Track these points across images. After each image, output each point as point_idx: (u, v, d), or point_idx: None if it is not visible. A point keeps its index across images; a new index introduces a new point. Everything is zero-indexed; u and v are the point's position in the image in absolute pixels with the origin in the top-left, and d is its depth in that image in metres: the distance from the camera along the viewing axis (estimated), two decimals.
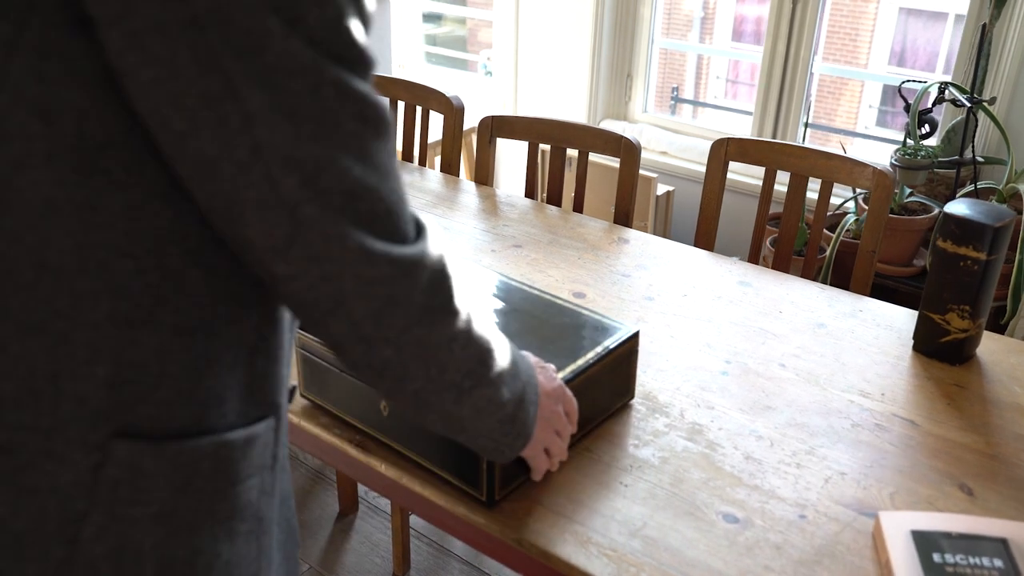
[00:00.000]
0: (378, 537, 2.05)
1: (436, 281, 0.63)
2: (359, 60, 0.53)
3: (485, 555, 1.01)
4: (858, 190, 2.36)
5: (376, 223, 0.56)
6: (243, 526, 0.63)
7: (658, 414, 1.12)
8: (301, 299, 0.57)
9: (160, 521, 0.58)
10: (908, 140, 2.17)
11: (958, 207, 1.18)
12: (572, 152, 2.44)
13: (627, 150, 1.75)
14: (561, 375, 1.00)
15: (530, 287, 1.21)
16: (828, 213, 2.50)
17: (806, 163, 1.65)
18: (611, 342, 1.07)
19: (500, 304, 1.16)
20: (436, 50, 4.32)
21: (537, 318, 1.12)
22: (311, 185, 0.52)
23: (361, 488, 2.19)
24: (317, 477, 2.24)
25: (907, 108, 2.22)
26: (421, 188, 1.86)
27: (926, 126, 2.22)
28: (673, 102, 3.22)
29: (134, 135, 0.51)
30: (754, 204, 2.70)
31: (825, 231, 2.43)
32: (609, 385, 1.09)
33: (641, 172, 2.57)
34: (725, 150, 1.72)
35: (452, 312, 0.65)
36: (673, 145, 2.93)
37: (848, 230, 2.40)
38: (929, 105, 2.22)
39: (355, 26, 0.52)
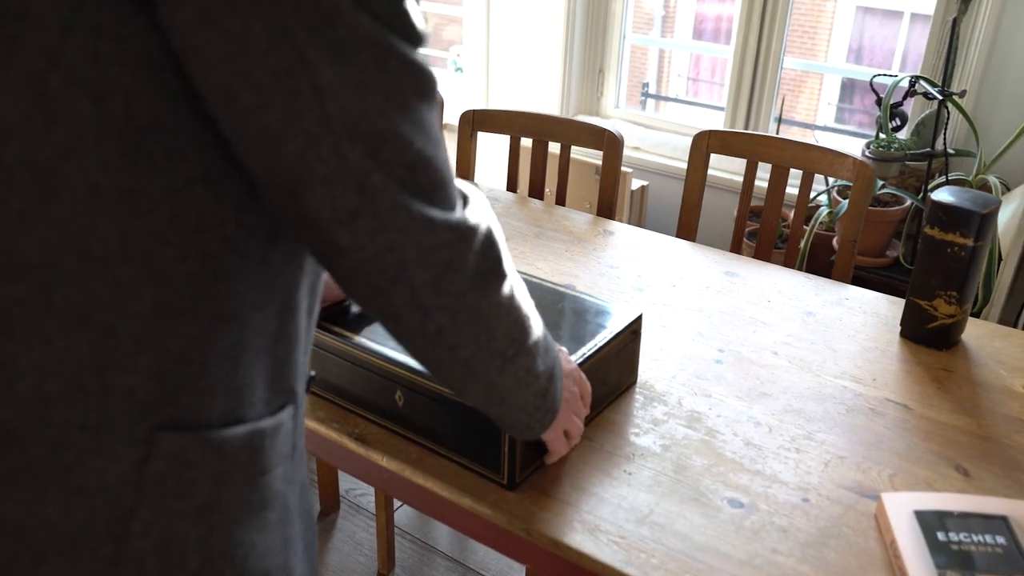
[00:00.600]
0: (361, 536, 2.03)
1: (487, 245, 0.64)
2: (417, 33, 0.54)
3: (492, 548, 1.00)
4: (832, 182, 2.39)
5: (434, 192, 0.57)
6: (272, 515, 0.63)
7: (656, 402, 1.13)
8: (364, 269, 0.57)
9: (203, 513, 0.57)
10: (880, 134, 2.20)
11: (945, 195, 1.20)
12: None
13: (610, 143, 1.75)
14: (573, 359, 1.01)
15: (527, 275, 1.21)
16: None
17: (787, 155, 1.66)
18: (617, 325, 1.08)
19: None
20: None
21: (538, 305, 1.13)
22: (377, 156, 0.52)
23: (343, 487, 2.17)
24: None
25: (878, 102, 2.25)
26: None
27: (896, 120, 2.25)
28: (644, 98, 3.24)
29: (178, 118, 0.50)
30: (729, 198, 2.73)
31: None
32: (616, 367, 1.10)
33: None
34: (707, 142, 1.73)
35: (501, 276, 0.67)
36: (646, 140, 2.94)
37: (821, 222, 2.43)
38: (900, 99, 2.26)
39: (411, 1, 0.53)
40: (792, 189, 2.55)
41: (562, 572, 0.94)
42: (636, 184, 2.74)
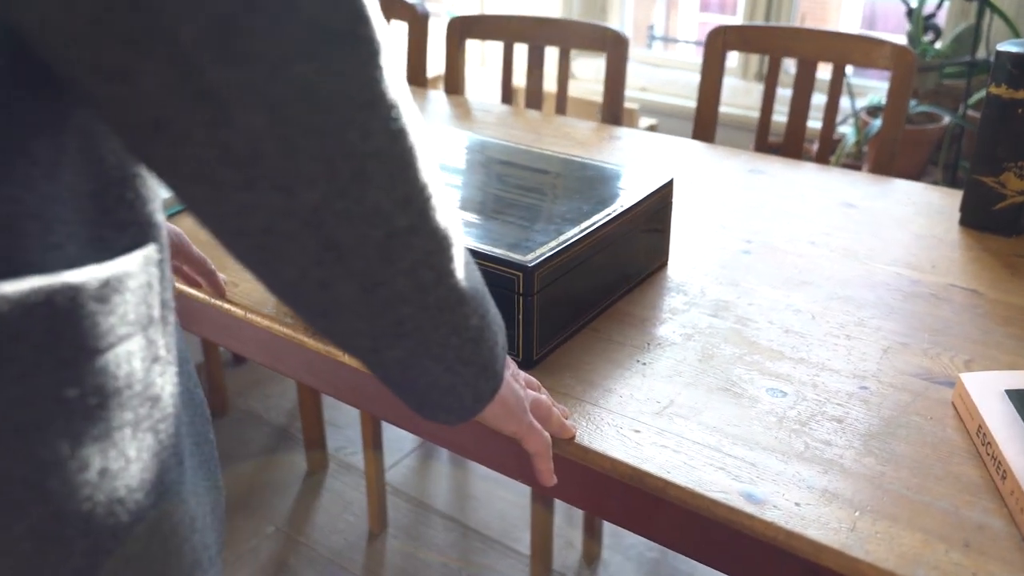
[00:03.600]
0: (351, 495, 1.85)
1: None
2: None
3: (481, 463, 0.82)
4: (859, 105, 2.19)
5: None
6: (126, 414, 0.42)
7: (674, 292, 0.94)
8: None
9: None
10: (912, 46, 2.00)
11: (1014, 46, 1.01)
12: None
13: (614, 43, 1.56)
14: (594, 221, 0.85)
15: (538, 148, 1.05)
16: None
17: (815, 46, 1.47)
18: (644, 189, 0.91)
19: (510, 165, 0.99)
20: None
21: (555, 174, 0.97)
22: None
23: (332, 444, 1.99)
24: (282, 435, 2.04)
25: (909, 13, 2.05)
26: None
27: (930, 33, 2.05)
28: (650, 40, 3.04)
29: None
30: (744, 137, 2.53)
31: None
32: (644, 241, 0.94)
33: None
34: (723, 39, 1.54)
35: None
36: (653, 80, 2.75)
37: (848, 153, 2.23)
38: (932, 10, 2.06)
39: None
40: (816, 123, 2.35)
41: (567, 478, 0.75)
42: (644, 123, 2.54)
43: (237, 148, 0.37)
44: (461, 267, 0.50)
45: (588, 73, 2.87)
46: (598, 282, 0.88)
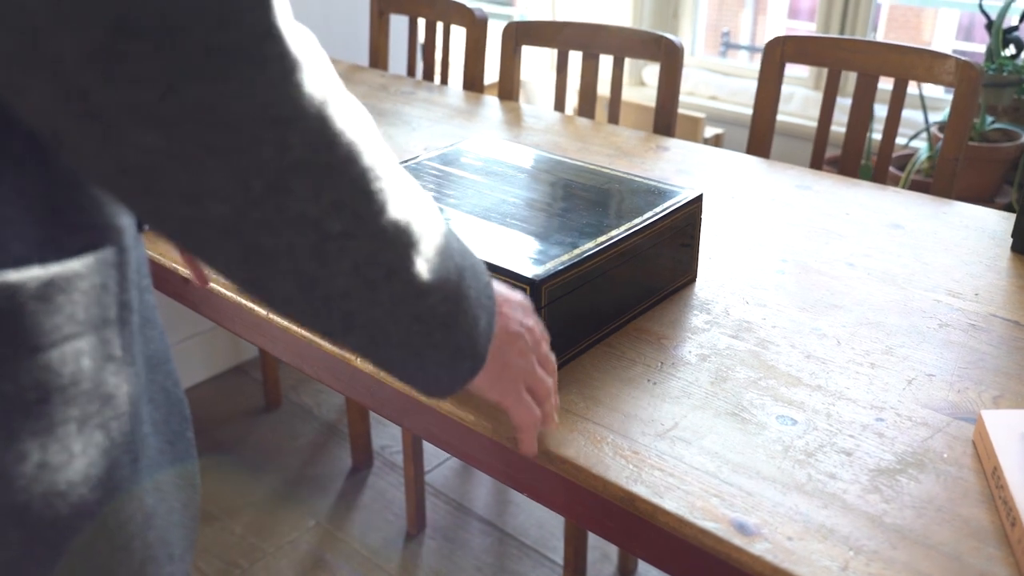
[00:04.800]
0: (392, 494, 1.87)
1: None
2: None
3: (475, 466, 0.82)
4: (932, 121, 2.11)
5: None
6: (71, 411, 0.43)
7: (697, 310, 0.92)
8: None
9: None
10: (990, 60, 1.92)
11: None
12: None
13: (668, 52, 1.54)
14: (612, 236, 0.84)
15: (572, 159, 1.04)
16: (895, 155, 2.26)
17: (876, 60, 1.42)
18: (670, 204, 0.91)
19: (540, 176, 0.99)
20: None
21: (584, 187, 0.96)
22: None
23: (377, 443, 2.02)
24: (331, 430, 2.07)
25: (989, 26, 1.97)
26: (439, 103, 1.67)
27: (1011, 46, 1.97)
28: (724, 47, 2.99)
29: None
30: (801, 147, 2.47)
31: (893, 170, 2.19)
32: (669, 256, 0.92)
33: (688, 112, 2.35)
34: (781, 50, 1.50)
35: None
36: (723, 89, 2.70)
37: (919, 169, 2.15)
38: (1016, 23, 1.97)
39: None
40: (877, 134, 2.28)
41: (558, 496, 0.74)
42: (710, 132, 2.50)
43: (134, 163, 0.38)
44: (424, 259, 0.49)
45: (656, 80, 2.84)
46: (616, 297, 0.86)
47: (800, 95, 2.56)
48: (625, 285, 0.87)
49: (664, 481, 0.67)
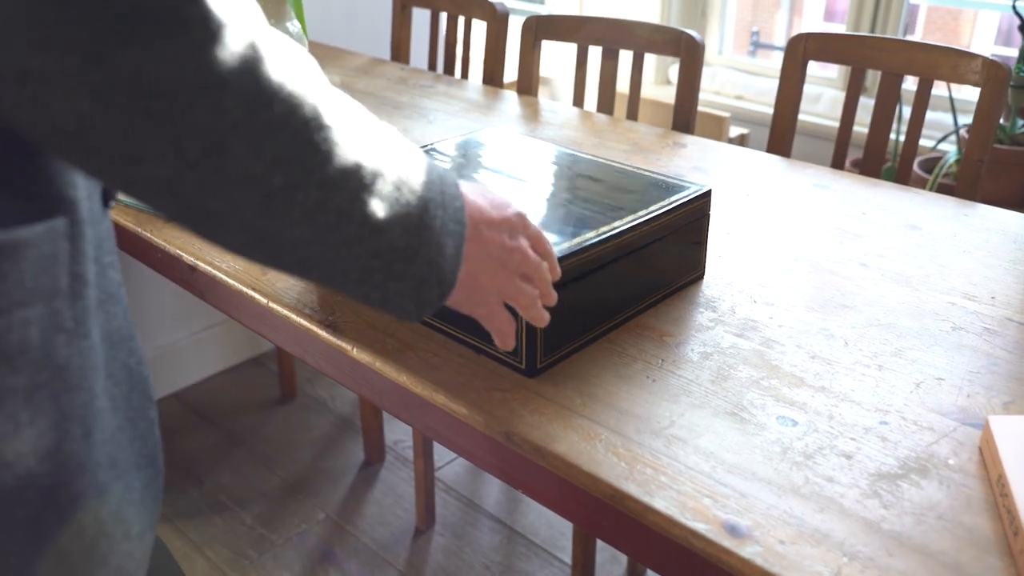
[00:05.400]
0: (403, 489, 1.87)
1: None
2: None
3: (467, 458, 0.80)
4: (961, 123, 2.07)
5: None
6: (17, 380, 0.43)
7: (703, 308, 0.90)
8: None
9: None
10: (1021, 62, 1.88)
11: None
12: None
13: (688, 49, 1.52)
14: (614, 227, 0.83)
15: (583, 153, 1.03)
16: (921, 157, 2.22)
17: (900, 58, 1.39)
18: (678, 199, 0.89)
19: (547, 167, 0.98)
20: None
21: (595, 180, 0.95)
22: None
23: (390, 438, 2.01)
24: (345, 424, 2.07)
25: (1022, 28, 1.92)
26: (457, 96, 1.66)
27: None
28: (753, 47, 2.95)
29: None
30: (823, 147, 2.43)
31: (919, 172, 2.15)
32: (675, 252, 0.91)
33: (714, 112, 2.32)
34: (803, 47, 1.48)
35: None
36: (750, 89, 2.67)
37: (947, 172, 2.11)
38: None
39: None
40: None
41: (552, 492, 0.73)
42: (735, 132, 2.47)
43: (70, 127, 0.37)
44: (380, 197, 0.49)
45: None
46: (617, 292, 0.85)
47: (828, 96, 2.52)
48: (628, 280, 0.86)
49: (656, 480, 0.66)
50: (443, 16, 1.91)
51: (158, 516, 0.56)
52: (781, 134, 1.50)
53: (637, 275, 0.86)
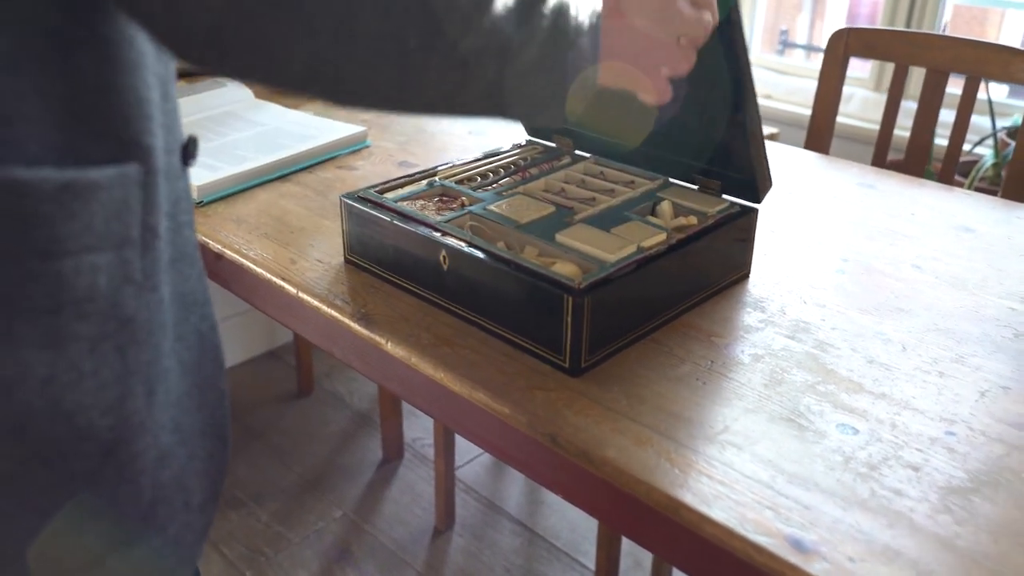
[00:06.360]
0: (422, 487, 1.83)
1: None
2: None
3: (512, 464, 0.77)
4: (999, 126, 2.02)
5: None
6: (83, 327, 0.40)
7: (751, 308, 0.86)
8: None
9: None
10: None
11: None
12: None
13: None
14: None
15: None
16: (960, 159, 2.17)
17: (947, 55, 1.35)
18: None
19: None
20: None
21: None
22: None
23: (408, 435, 1.98)
24: (363, 420, 2.04)
25: None
26: None
27: None
28: (782, 46, 2.91)
29: None
30: (863, 151, 2.38)
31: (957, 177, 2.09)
32: (722, 249, 0.87)
33: None
34: (845, 43, 1.43)
35: None
36: (779, 87, 2.62)
37: (984, 177, 2.06)
38: None
39: None
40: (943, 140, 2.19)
41: (598, 499, 0.69)
42: (766, 131, 2.42)
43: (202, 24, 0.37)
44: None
45: None
46: (663, 290, 0.81)
47: (860, 96, 2.47)
48: (673, 278, 0.82)
49: (712, 489, 0.62)
50: None
51: (222, 490, 0.53)
52: (819, 132, 1.46)
53: (683, 272, 0.83)
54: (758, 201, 0.88)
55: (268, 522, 1.73)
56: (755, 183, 0.86)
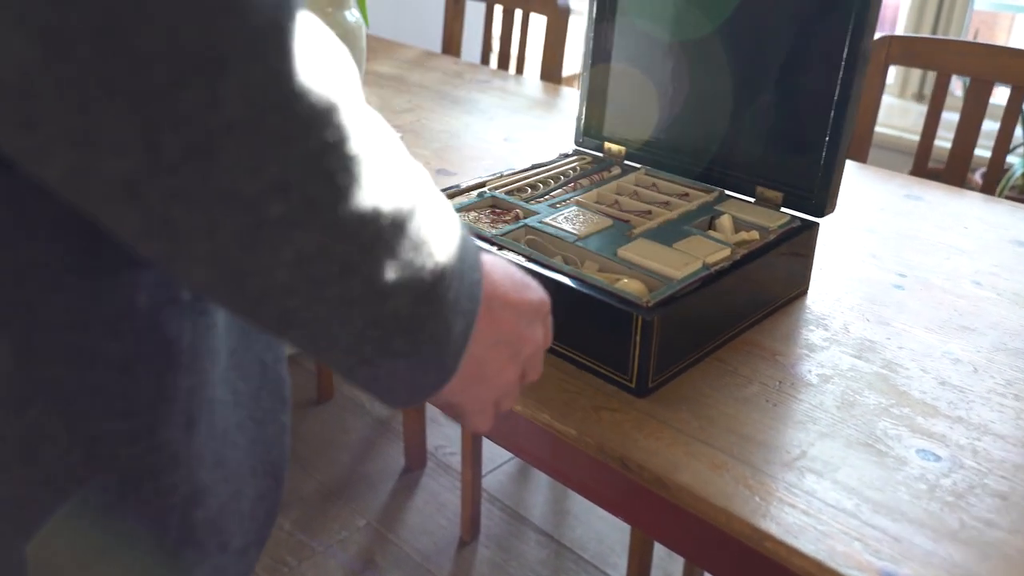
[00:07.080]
0: (446, 497, 1.81)
1: None
2: None
3: (578, 491, 0.75)
4: None
5: None
6: (113, 345, 0.37)
7: (812, 325, 0.84)
8: None
9: None
10: None
11: None
12: None
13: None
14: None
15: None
16: (983, 170, 2.15)
17: (991, 64, 1.32)
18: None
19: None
20: None
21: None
22: None
23: (432, 443, 1.96)
24: (384, 427, 2.02)
25: None
26: (516, 92, 1.60)
27: None
28: None
29: None
30: (902, 161, 2.36)
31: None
32: (782, 266, 0.85)
33: None
34: (886, 51, 1.41)
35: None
36: None
37: (1013, 186, 2.04)
38: None
39: None
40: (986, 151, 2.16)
41: (673, 530, 0.67)
42: None
43: (6, 76, 0.28)
44: (395, 256, 0.38)
45: None
46: (726, 307, 0.79)
47: (884, 103, 2.45)
48: (736, 295, 0.79)
49: (796, 519, 0.60)
50: (498, 9, 1.85)
51: (269, 535, 0.50)
52: (858, 140, 1.43)
53: (747, 289, 0.80)
54: (820, 216, 0.85)
55: (291, 531, 1.70)
56: (823, 198, 0.84)
